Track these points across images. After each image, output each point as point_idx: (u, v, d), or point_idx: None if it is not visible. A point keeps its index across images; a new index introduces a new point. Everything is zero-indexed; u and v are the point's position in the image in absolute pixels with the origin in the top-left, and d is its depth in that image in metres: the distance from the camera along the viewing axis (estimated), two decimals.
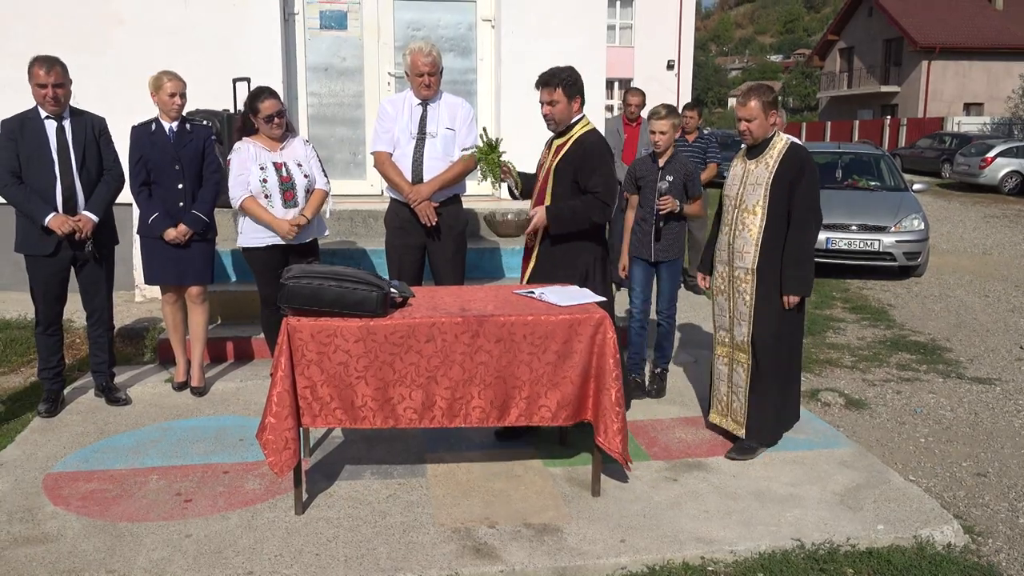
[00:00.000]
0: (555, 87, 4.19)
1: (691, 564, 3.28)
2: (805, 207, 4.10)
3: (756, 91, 4.18)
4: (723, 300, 4.38)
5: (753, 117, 4.12)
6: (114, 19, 6.98)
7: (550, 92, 4.21)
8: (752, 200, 4.16)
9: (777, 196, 4.09)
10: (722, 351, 4.42)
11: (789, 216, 4.11)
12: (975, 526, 3.79)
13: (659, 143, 4.93)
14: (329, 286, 3.44)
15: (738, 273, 4.24)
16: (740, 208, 4.22)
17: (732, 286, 4.29)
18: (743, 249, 4.20)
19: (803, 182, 4.09)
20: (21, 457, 4.15)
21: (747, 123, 4.15)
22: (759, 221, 4.13)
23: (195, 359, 5.10)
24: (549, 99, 4.22)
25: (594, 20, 7.67)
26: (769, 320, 4.17)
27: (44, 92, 4.45)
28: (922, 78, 35.60)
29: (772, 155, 4.15)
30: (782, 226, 4.12)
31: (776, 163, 4.12)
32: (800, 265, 4.11)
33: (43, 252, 4.55)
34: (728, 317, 4.35)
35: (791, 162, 4.10)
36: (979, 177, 21.16)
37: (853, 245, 9.51)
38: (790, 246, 4.12)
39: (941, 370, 6.22)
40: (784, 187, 4.08)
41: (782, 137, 4.22)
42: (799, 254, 4.11)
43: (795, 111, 60.54)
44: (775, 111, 4.15)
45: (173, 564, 3.18)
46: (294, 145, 4.88)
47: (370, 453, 4.23)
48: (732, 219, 4.27)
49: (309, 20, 7.54)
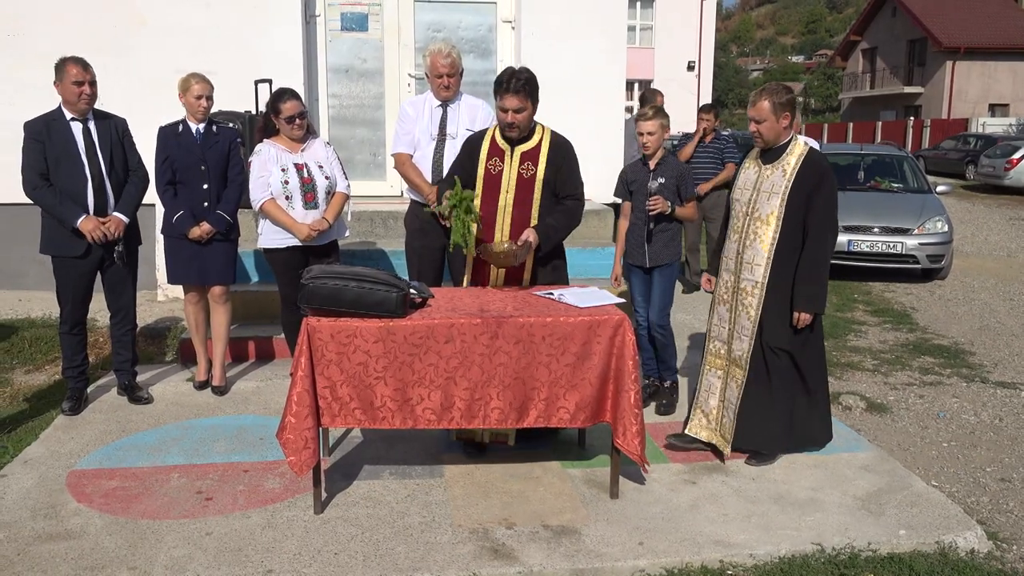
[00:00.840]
0: (526, 94, 3.92)
1: (710, 568, 3.27)
2: (822, 219, 3.92)
3: (769, 91, 3.99)
4: (724, 311, 4.19)
5: (763, 118, 3.94)
6: (137, 21, 7.05)
7: (521, 99, 3.91)
8: (766, 209, 3.96)
9: (794, 207, 3.90)
10: (716, 364, 4.25)
11: (804, 227, 3.94)
12: (999, 532, 3.74)
13: (647, 145, 4.73)
14: (349, 287, 3.45)
15: (745, 285, 4.06)
16: (752, 216, 4.02)
17: (737, 298, 4.11)
18: (753, 260, 4.01)
19: (822, 193, 3.91)
20: (45, 454, 4.20)
21: (757, 124, 3.98)
22: (772, 232, 3.94)
23: (216, 358, 5.14)
24: (519, 106, 3.93)
25: (615, 21, 7.66)
26: (781, 336, 4.01)
27: (81, 89, 4.48)
28: (946, 79, 35.22)
29: (790, 162, 3.95)
30: (797, 238, 3.94)
31: (795, 171, 3.92)
32: (814, 281, 3.94)
33: (73, 253, 4.59)
34: (728, 329, 4.18)
35: (810, 171, 3.91)
36: (1004, 179, 20.87)
37: (876, 247, 9.41)
38: (806, 260, 3.94)
39: (964, 374, 6.15)
40: (802, 197, 3.90)
41: (799, 142, 4.05)
42: (814, 269, 3.94)
43: (817, 112, 60.08)
44: (788, 113, 3.95)
45: (194, 561, 3.20)
46: (315, 147, 4.90)
47: (389, 453, 4.25)
48: (743, 227, 4.07)
49: (330, 22, 7.58)
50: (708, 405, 4.29)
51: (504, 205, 4.11)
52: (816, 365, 4.18)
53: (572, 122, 7.65)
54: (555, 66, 7.49)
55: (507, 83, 3.90)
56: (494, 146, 4.12)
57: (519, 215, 4.10)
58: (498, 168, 4.11)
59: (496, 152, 4.11)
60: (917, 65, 37.62)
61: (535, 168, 4.08)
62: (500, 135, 4.12)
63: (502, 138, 4.11)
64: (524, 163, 4.08)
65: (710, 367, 4.31)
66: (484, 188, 4.11)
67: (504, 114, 3.95)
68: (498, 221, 4.13)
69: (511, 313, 3.60)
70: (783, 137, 4.01)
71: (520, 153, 4.09)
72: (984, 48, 34.73)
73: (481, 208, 4.09)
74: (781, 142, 4.02)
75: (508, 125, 3.99)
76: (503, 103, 3.93)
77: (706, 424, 4.30)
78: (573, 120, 7.58)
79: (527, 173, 4.08)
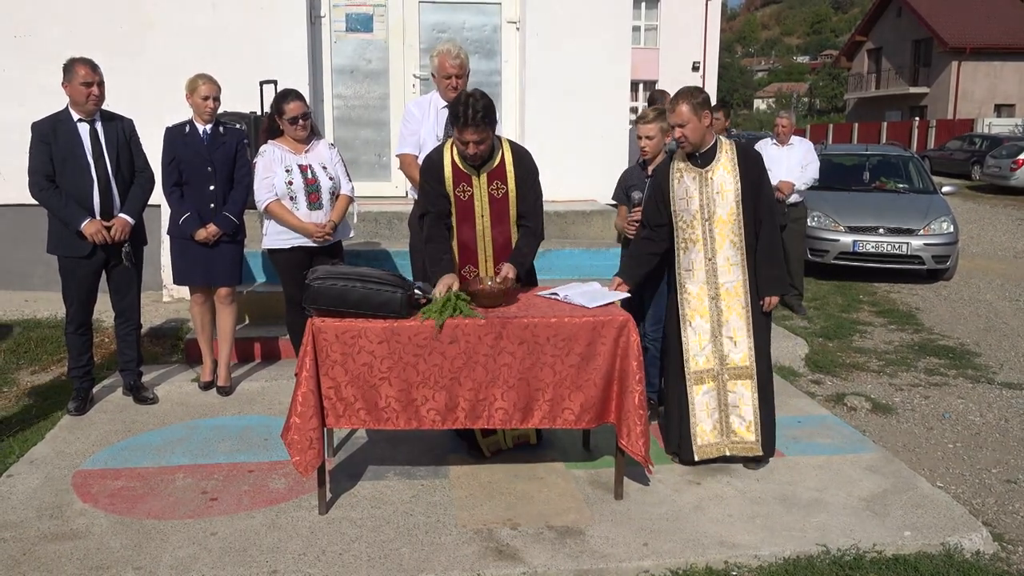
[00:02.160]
0: (486, 125, 3.72)
1: (714, 568, 3.27)
2: (770, 203, 4.06)
3: (683, 94, 3.95)
4: (704, 323, 4.05)
5: (685, 121, 3.90)
6: (145, 22, 7.07)
7: (481, 131, 3.72)
8: (724, 210, 3.97)
9: (748, 200, 3.99)
10: (706, 378, 4.06)
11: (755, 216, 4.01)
12: (1005, 534, 3.73)
13: (646, 149, 4.59)
14: (354, 287, 3.46)
15: (727, 288, 4.02)
16: (712, 220, 3.99)
17: (717, 304, 4.03)
18: (729, 261, 4.00)
19: (764, 179, 4.05)
20: (51, 454, 4.21)
21: (680, 128, 3.94)
22: (739, 228, 3.99)
23: (222, 359, 5.15)
24: (480, 138, 3.74)
25: (619, 22, 7.66)
26: (764, 329, 4.10)
27: (89, 90, 4.50)
28: (952, 79, 35.12)
29: (729, 159, 3.99)
30: (755, 228, 4.02)
31: (739, 167, 3.98)
32: (777, 264, 4.04)
33: (79, 254, 4.60)
34: (711, 339, 4.05)
35: (751, 162, 4.02)
36: (1010, 179, 20.80)
37: (881, 248, 9.39)
38: (764, 246, 4.01)
39: (970, 375, 6.14)
40: (752, 189, 4.00)
41: (723, 139, 4.07)
42: (773, 253, 4.03)
43: (822, 113, 59.97)
44: (708, 111, 3.96)
45: (198, 562, 3.21)
46: (319, 148, 4.91)
47: (393, 454, 4.25)
48: (702, 233, 4.01)
49: (335, 23, 7.59)
50: (706, 426, 4.07)
51: (482, 229, 4.00)
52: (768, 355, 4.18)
53: (576, 122, 7.73)
54: (559, 66, 7.52)
55: (463, 117, 3.69)
56: (458, 172, 3.93)
57: (499, 235, 4.02)
58: (468, 193, 3.95)
59: (462, 178, 3.94)
60: (923, 65, 37.52)
61: (505, 186, 3.96)
62: (459, 158, 3.93)
63: (464, 164, 3.94)
64: (492, 183, 3.95)
65: (701, 390, 4.08)
66: (458, 215, 3.98)
67: (465, 147, 3.79)
68: (479, 246, 4.02)
69: (515, 314, 3.61)
70: (708, 137, 4.01)
71: (487, 175, 3.95)
72: (990, 48, 34.62)
73: (459, 236, 4.00)
74: (708, 143, 4.02)
75: (471, 156, 3.83)
76: (463, 136, 3.74)
77: (713, 442, 4.08)
78: (577, 120, 7.64)
79: (498, 193, 3.96)
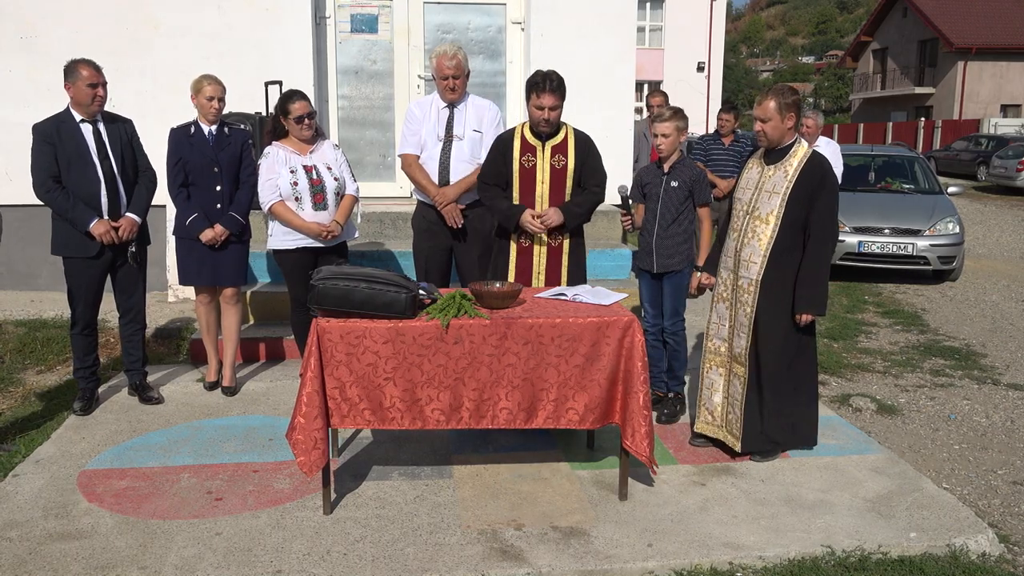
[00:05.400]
0: (560, 94, 4.37)
1: (719, 569, 3.26)
2: (823, 222, 3.95)
3: (775, 91, 4.02)
4: (724, 309, 4.22)
5: (768, 117, 3.97)
6: (150, 24, 7.09)
7: (556, 98, 4.36)
8: (766, 208, 4.00)
9: (794, 207, 3.94)
10: (717, 361, 4.27)
11: (804, 230, 3.97)
12: (1011, 535, 3.72)
13: (662, 147, 4.62)
14: (359, 288, 3.46)
15: (742, 283, 4.09)
16: (752, 215, 4.06)
17: (735, 296, 4.15)
18: (750, 258, 4.05)
19: (823, 195, 3.94)
20: (56, 454, 4.22)
21: (762, 123, 4.00)
22: (771, 231, 3.98)
23: (227, 359, 5.16)
24: (555, 104, 4.37)
25: (624, 22, 7.65)
26: (774, 334, 4.04)
27: (95, 92, 4.51)
28: (958, 79, 35.02)
29: (792, 163, 3.99)
30: (795, 239, 3.97)
31: (796, 172, 3.96)
32: (816, 284, 3.98)
33: (87, 254, 4.61)
34: (728, 327, 4.20)
35: (812, 173, 3.95)
36: (1016, 180, 20.76)
37: (886, 248, 9.37)
38: (807, 263, 3.97)
39: (976, 376, 6.12)
40: (803, 199, 3.93)
41: (803, 144, 4.07)
42: (815, 272, 3.97)
43: (827, 113, 59.81)
44: (793, 114, 3.99)
45: (203, 561, 3.21)
46: (323, 149, 4.92)
47: (398, 454, 4.25)
48: (742, 225, 4.11)
49: (340, 24, 7.60)
50: (712, 402, 4.32)
51: (541, 195, 4.52)
52: (808, 366, 4.21)
53: (582, 123, 7.66)
54: (565, 67, 7.42)
55: (543, 83, 4.34)
56: (525, 143, 4.52)
57: (554, 203, 4.51)
58: (531, 163, 4.51)
59: (528, 148, 4.52)
60: (928, 65, 37.42)
61: (565, 159, 4.51)
62: (530, 132, 4.52)
63: (532, 135, 4.52)
64: (555, 156, 4.51)
65: (711, 364, 4.33)
66: (520, 182, 4.52)
67: (540, 112, 4.37)
68: (536, 210, 4.52)
69: (519, 314, 3.61)
70: (787, 138, 4.05)
71: (551, 147, 4.51)
72: (996, 48, 34.51)
73: (520, 200, 4.53)
74: (785, 143, 4.05)
75: (544, 121, 4.39)
76: (540, 101, 4.35)
77: (711, 421, 4.33)
78: (583, 121, 7.57)
79: (559, 164, 4.51)
